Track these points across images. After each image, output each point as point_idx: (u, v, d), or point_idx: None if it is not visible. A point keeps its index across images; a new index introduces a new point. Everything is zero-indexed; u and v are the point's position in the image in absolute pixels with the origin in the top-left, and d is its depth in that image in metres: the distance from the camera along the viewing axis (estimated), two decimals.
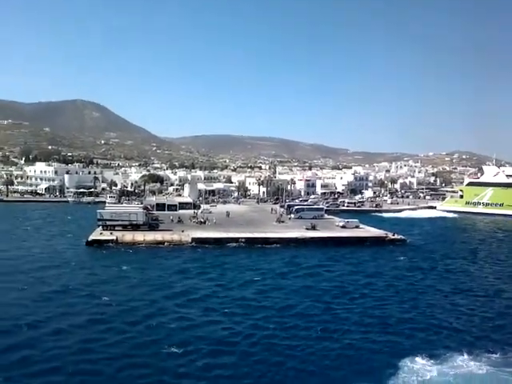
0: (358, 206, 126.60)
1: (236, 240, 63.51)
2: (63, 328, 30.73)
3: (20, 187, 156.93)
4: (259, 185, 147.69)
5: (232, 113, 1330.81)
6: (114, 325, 31.69)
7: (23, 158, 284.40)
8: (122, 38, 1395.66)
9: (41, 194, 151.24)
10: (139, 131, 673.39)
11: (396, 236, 70.04)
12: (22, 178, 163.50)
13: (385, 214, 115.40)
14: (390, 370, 25.38)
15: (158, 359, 26.26)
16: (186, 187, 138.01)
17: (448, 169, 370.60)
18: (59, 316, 33.19)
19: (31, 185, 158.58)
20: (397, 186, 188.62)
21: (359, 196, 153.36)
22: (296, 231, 70.77)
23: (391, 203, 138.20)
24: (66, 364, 25.31)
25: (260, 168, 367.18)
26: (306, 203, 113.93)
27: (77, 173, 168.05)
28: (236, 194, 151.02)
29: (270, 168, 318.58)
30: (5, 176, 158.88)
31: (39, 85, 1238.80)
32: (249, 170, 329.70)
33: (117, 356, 26.67)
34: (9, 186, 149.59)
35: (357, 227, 77.01)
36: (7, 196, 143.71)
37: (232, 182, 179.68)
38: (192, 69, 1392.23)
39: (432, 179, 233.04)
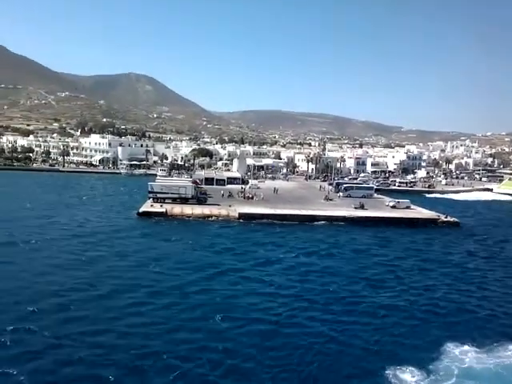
0: (410, 186, 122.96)
1: (283, 217, 63.21)
2: (115, 290, 32.66)
3: (75, 158, 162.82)
4: (308, 162, 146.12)
5: (283, 88, 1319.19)
6: (162, 290, 33.37)
7: (79, 130, 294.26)
8: (176, 12, 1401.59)
9: (95, 166, 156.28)
10: (190, 105, 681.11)
11: (449, 218, 67.53)
12: (77, 149, 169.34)
13: (438, 195, 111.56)
14: (433, 355, 24.91)
15: (204, 333, 26.64)
16: (235, 162, 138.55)
17: (507, 150, 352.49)
18: (111, 280, 34.82)
19: (86, 156, 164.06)
20: (452, 166, 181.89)
21: (411, 176, 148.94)
22: (344, 210, 69.61)
23: (446, 184, 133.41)
24: (115, 326, 26.77)
25: (309, 145, 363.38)
26: (355, 181, 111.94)
27: (129, 145, 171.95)
28: (284, 171, 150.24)
29: (319, 145, 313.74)
30: (61, 147, 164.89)
31: (95, 58, 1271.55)
32: (298, 146, 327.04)
33: (163, 320, 27.88)
34: (65, 157, 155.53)
35: (408, 208, 74.85)
36: (63, 166, 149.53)
37: (281, 158, 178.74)
38: (244, 44, 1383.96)
39: (489, 160, 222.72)
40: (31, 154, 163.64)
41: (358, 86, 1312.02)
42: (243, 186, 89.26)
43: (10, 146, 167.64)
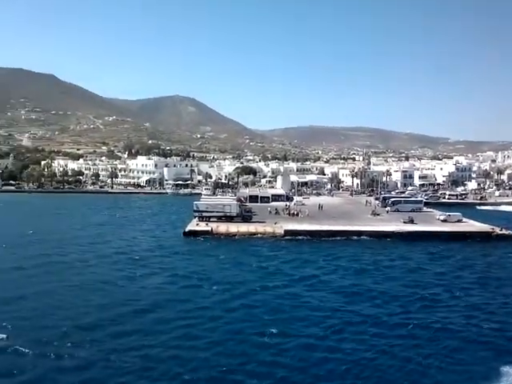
0: (461, 199, 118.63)
1: (329, 233, 62.08)
2: (163, 305, 32.95)
3: (123, 180, 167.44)
4: (353, 176, 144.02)
5: (324, 103, 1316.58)
6: (209, 305, 33.55)
7: (126, 152, 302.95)
8: (216, 35, 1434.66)
9: (142, 186, 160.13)
10: (232, 124, 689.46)
11: (504, 231, 64.24)
12: (125, 171, 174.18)
13: (490, 208, 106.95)
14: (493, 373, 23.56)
15: (252, 347, 26.33)
16: (279, 179, 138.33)
17: None
18: (159, 295, 34.74)
19: (133, 177, 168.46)
20: (504, 177, 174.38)
21: (462, 188, 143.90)
22: (392, 224, 67.65)
23: (499, 195, 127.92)
24: (164, 339, 27.22)
25: (353, 159, 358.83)
26: (402, 195, 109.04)
27: (175, 166, 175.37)
28: (329, 186, 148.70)
29: (363, 159, 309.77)
30: (110, 169, 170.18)
31: (140, 83, 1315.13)
32: (342, 161, 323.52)
33: (211, 333, 27.91)
34: (113, 179, 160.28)
35: (459, 221, 71.93)
36: (112, 188, 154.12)
37: (325, 174, 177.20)
38: (283, 62, 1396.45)
39: None
40: (81, 177, 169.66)
41: (400, 98, 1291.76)
42: (288, 203, 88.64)
43: (61, 169, 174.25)
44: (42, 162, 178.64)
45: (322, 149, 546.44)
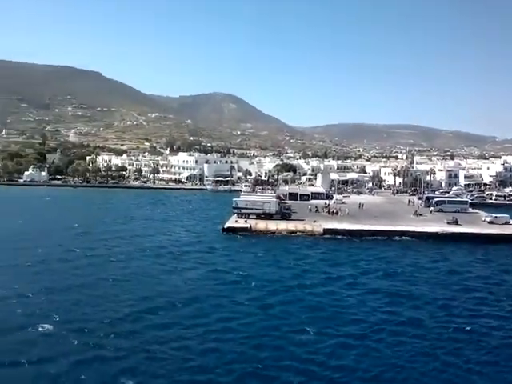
0: (509, 200, 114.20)
1: (370, 232, 61.11)
2: (200, 299, 33.63)
3: (165, 175, 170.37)
4: (395, 175, 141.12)
5: (366, 100, 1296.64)
6: (245, 302, 33.52)
7: (168, 149, 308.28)
8: (258, 32, 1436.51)
9: (183, 182, 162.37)
10: (273, 121, 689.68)
11: None
12: (166, 166, 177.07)
13: None
14: None
15: (288, 344, 26.31)
16: (319, 177, 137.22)
17: None
18: (197, 290, 35.60)
19: (175, 173, 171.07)
20: None
21: (510, 188, 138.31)
22: (436, 225, 65.84)
23: None
24: (202, 332, 27.61)
25: (396, 158, 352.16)
26: (447, 195, 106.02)
27: (215, 162, 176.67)
28: (370, 185, 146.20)
29: (407, 158, 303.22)
30: (152, 165, 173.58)
31: (182, 80, 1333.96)
32: (384, 159, 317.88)
33: (251, 336, 27.64)
34: (155, 174, 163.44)
35: (507, 223, 69.22)
36: (154, 183, 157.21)
37: (366, 172, 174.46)
38: (325, 58, 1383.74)
39: None
40: (124, 172, 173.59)
41: (446, 95, 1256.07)
42: (327, 201, 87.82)
43: (105, 164, 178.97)
44: (87, 158, 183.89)
45: (364, 147, 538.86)
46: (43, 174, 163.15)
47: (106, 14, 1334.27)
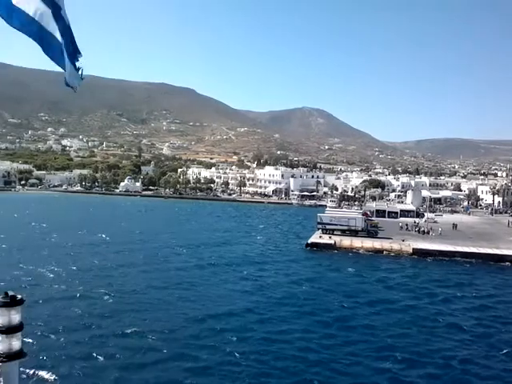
0: None
1: (464, 255, 56.42)
2: (283, 315, 31.88)
3: (251, 189, 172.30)
4: (494, 194, 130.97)
5: (462, 114, 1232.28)
6: (328, 320, 32.13)
7: (255, 162, 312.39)
8: (348, 46, 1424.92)
9: (268, 196, 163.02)
10: (362, 136, 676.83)
11: None
12: (253, 180, 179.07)
13: None
14: None
15: (367, 370, 24.26)
16: (409, 194, 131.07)
17: None
18: (280, 306, 34.65)
19: (260, 187, 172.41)
20: None
21: None
22: None
23: None
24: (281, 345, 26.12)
25: (495, 175, 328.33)
26: None
27: (301, 176, 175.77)
28: (465, 204, 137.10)
29: (507, 175, 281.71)
30: (239, 178, 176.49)
31: (271, 95, 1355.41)
32: (481, 176, 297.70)
33: (327, 358, 26.08)
34: (241, 187, 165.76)
35: None
36: (240, 196, 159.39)
37: (461, 190, 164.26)
38: (413, 72, 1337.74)
39: None
40: (212, 185, 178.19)
41: None
42: (417, 220, 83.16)
43: (194, 177, 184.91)
44: (179, 170, 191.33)
45: (459, 163, 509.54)
46: (137, 184, 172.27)
47: (201, 38, 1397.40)
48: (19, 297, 3.57)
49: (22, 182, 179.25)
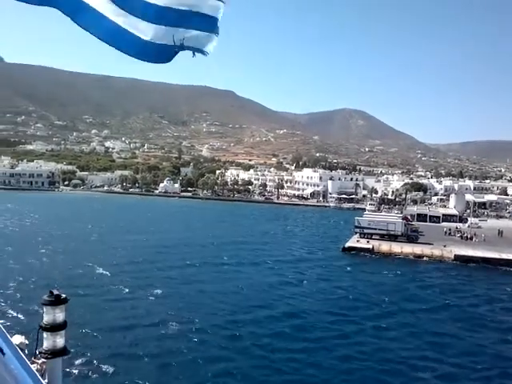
0: None
1: (510, 262, 54.40)
2: (319, 318, 31.64)
3: (289, 191, 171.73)
4: None
5: (507, 115, 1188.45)
6: (367, 336, 30.96)
7: (294, 164, 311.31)
8: (386, 47, 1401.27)
9: (306, 198, 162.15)
10: (404, 138, 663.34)
11: None
12: (291, 182, 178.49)
13: None
14: None
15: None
16: (452, 198, 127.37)
17: None
18: (317, 305, 35.57)
19: (298, 189, 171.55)
20: None
21: None
22: None
23: None
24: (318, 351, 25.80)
25: None
26: None
27: (339, 179, 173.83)
28: None
29: None
30: (277, 180, 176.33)
31: (312, 97, 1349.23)
32: None
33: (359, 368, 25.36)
34: (279, 190, 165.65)
35: None
36: (278, 198, 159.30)
37: (508, 195, 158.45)
38: (460, 73, 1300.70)
39: None
40: (250, 187, 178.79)
41: None
42: (460, 225, 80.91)
43: (232, 178, 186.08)
44: (217, 172, 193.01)
45: (506, 166, 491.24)
46: (176, 185, 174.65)
47: (241, 41, 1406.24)
48: (64, 296, 3.73)
49: (66, 183, 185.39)
